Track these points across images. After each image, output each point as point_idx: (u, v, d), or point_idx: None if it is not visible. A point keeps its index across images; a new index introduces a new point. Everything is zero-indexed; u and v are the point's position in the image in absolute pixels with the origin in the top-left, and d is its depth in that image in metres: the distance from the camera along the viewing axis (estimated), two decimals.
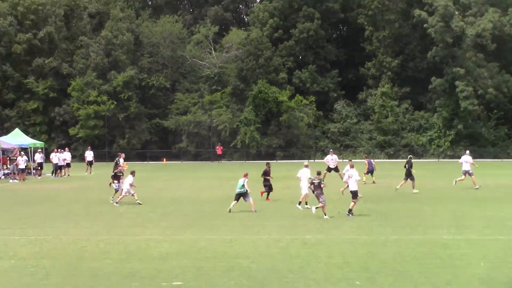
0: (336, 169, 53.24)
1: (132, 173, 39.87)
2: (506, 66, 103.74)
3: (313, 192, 32.99)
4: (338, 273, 20.18)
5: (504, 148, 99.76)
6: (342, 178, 38.83)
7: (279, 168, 65.46)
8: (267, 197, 40.79)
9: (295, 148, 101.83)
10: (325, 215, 32.22)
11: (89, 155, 73.79)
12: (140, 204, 38.79)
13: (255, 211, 34.72)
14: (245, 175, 35.96)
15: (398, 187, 44.36)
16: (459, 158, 52.03)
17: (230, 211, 34.86)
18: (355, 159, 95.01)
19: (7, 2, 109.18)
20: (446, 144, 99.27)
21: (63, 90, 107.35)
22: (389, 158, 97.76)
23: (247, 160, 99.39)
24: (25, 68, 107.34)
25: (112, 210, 36.98)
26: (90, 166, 72.59)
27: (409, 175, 45.18)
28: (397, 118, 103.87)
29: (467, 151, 51.88)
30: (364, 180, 49.55)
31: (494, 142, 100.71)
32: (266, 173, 41.18)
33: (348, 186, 33.83)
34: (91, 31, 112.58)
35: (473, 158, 52.14)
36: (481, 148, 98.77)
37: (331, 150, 60.35)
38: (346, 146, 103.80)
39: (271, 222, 31.20)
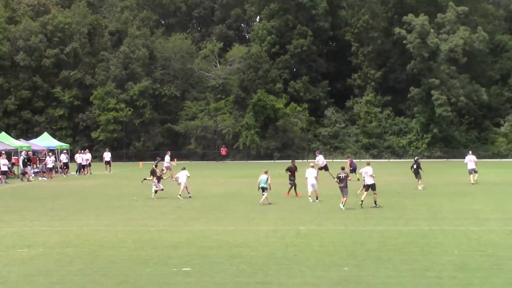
0: (326, 168, 52.76)
1: (183, 168, 39.83)
2: (475, 77, 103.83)
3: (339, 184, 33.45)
4: (328, 260, 20.03)
5: (474, 150, 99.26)
6: (333, 177, 39.09)
7: (276, 166, 65.25)
8: (296, 193, 39.03)
9: (290, 149, 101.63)
10: (342, 206, 32.67)
11: (107, 155, 73.64)
12: (191, 197, 39.30)
13: (270, 203, 34.82)
14: (266, 172, 35.96)
15: (420, 187, 43.63)
16: (437, 158, 51.87)
17: (262, 204, 35.20)
18: (343, 159, 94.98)
19: (38, 21, 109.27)
20: (423, 146, 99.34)
21: (86, 98, 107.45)
22: (373, 158, 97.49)
23: (248, 160, 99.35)
24: (53, 80, 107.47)
25: (129, 204, 36.84)
26: (109, 166, 72.43)
27: (417, 173, 44.97)
28: (380, 123, 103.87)
29: (470, 151, 51.84)
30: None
31: (466, 144, 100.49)
32: (290, 170, 39.74)
33: (365, 182, 34.79)
34: (111, 47, 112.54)
35: (446, 159, 52.04)
36: (454, 149, 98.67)
37: (317, 151, 59.85)
38: (335, 148, 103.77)
39: (270, 215, 31.09)
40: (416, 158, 48.34)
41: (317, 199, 36.13)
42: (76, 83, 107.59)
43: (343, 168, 34.29)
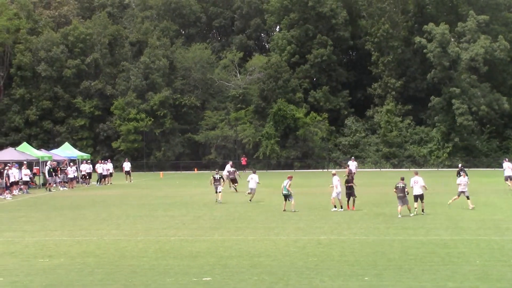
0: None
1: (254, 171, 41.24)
2: (496, 86, 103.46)
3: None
4: (349, 270, 20.04)
5: (496, 159, 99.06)
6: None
7: (296, 175, 65.18)
8: (352, 206, 37.07)
9: (310, 159, 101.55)
10: (410, 213, 33.97)
11: (126, 166, 73.78)
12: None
13: (295, 211, 34.91)
14: (290, 177, 36.16)
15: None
16: (456, 167, 51.55)
17: (284, 210, 36.02)
18: (364, 168, 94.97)
19: (59, 32, 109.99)
20: (444, 155, 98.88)
21: (106, 109, 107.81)
22: (393, 168, 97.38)
23: (268, 170, 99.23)
24: (74, 90, 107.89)
25: (149, 214, 36.93)
26: (129, 175, 72.63)
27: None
28: (400, 132, 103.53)
29: (506, 158, 51.60)
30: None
31: (487, 154, 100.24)
32: (348, 182, 37.47)
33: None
34: (132, 57, 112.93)
35: (468, 168, 51.74)
36: (476, 158, 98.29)
37: (352, 157, 59.45)
38: (356, 157, 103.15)
39: (289, 224, 31.07)
40: (460, 165, 48.64)
41: (341, 207, 36.15)
42: (97, 94, 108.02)
43: (402, 179, 34.37)
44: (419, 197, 34.49)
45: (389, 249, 23.74)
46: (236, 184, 52.22)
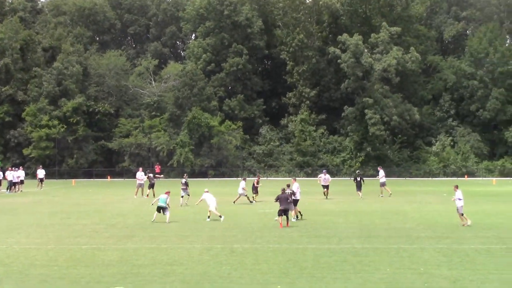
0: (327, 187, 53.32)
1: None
2: (408, 97, 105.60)
3: None
4: (262, 278, 20.15)
5: (407, 168, 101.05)
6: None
7: (210, 185, 65.22)
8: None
9: (225, 167, 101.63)
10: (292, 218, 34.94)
11: (40, 173, 72.53)
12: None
13: (169, 222, 34.80)
14: (167, 193, 36.17)
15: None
16: (370, 177, 52.64)
17: (153, 221, 35.50)
18: (278, 177, 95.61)
19: None
20: (357, 164, 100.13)
21: (18, 115, 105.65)
22: (307, 177, 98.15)
23: (182, 178, 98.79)
24: None
25: (61, 222, 36.38)
26: (41, 183, 71.47)
27: (359, 186, 51.92)
28: (314, 141, 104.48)
29: (380, 166, 52.65)
30: None
31: (398, 163, 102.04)
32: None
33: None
34: (44, 63, 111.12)
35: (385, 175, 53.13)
36: (387, 168, 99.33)
37: (324, 170, 59.97)
38: (270, 166, 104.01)
39: (203, 232, 31.07)
40: (357, 171, 50.77)
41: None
42: (7, 99, 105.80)
43: (288, 186, 35.33)
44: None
45: (302, 257, 23.94)
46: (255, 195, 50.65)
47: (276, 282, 19.58)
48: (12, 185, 66.03)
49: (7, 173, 67.18)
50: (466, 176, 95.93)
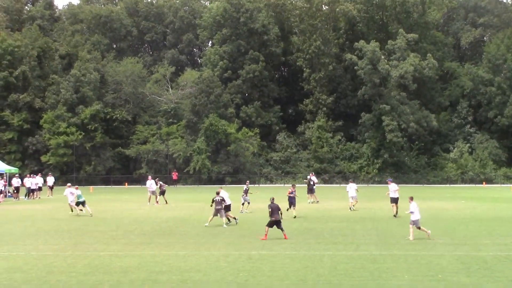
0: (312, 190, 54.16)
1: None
2: (425, 103, 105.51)
3: None
4: (279, 285, 20.10)
5: (424, 175, 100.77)
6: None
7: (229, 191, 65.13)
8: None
9: (241, 174, 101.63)
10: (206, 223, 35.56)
11: (50, 180, 72.34)
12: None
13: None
14: (76, 188, 37.32)
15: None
16: (386, 183, 52.15)
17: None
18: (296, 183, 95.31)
19: None
20: (374, 171, 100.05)
21: (35, 122, 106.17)
22: (324, 184, 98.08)
23: (200, 184, 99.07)
24: (1, 103, 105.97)
25: (79, 228, 36.46)
26: (51, 190, 71.23)
27: (310, 190, 52.43)
28: (331, 148, 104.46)
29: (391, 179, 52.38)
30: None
31: (416, 170, 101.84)
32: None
33: None
34: (62, 70, 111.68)
35: (397, 184, 52.49)
36: (405, 175, 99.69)
37: (389, 179, 59.71)
38: (287, 173, 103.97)
39: (220, 239, 31.01)
40: (312, 173, 51.39)
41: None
42: (25, 107, 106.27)
43: (218, 193, 36.68)
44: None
45: (319, 264, 23.86)
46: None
47: None
48: (30, 192, 66.30)
49: (25, 180, 67.47)
50: (484, 182, 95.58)
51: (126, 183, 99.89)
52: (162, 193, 55.33)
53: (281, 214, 31.77)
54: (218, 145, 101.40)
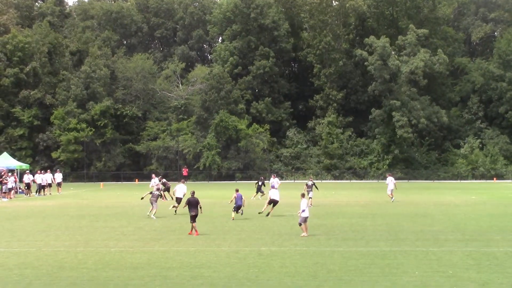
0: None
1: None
2: (435, 99, 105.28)
3: None
4: (290, 281, 20.10)
5: (434, 171, 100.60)
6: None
7: (239, 187, 65.18)
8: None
9: (252, 170, 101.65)
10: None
11: (58, 177, 72.18)
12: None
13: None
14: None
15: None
16: (397, 179, 52.33)
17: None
18: (305, 180, 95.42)
19: None
20: (384, 167, 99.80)
21: (46, 118, 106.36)
22: (335, 179, 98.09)
23: (210, 180, 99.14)
24: (12, 99, 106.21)
25: (90, 225, 36.56)
26: (59, 187, 71.17)
27: (259, 189, 54.14)
28: (341, 144, 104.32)
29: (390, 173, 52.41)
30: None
31: (426, 166, 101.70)
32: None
33: None
34: (72, 67, 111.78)
35: (407, 180, 52.47)
36: (415, 170, 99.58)
37: (273, 174, 61.38)
38: (297, 169, 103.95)
39: (231, 235, 31.05)
40: (261, 177, 54.05)
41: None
42: (36, 103, 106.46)
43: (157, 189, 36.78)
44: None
45: (330, 260, 23.86)
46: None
47: (304, 285, 19.54)
48: (41, 188, 66.43)
49: (36, 176, 67.58)
50: (494, 178, 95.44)
51: (137, 180, 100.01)
52: (167, 189, 55.44)
53: (200, 208, 32.33)
54: (228, 141, 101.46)
